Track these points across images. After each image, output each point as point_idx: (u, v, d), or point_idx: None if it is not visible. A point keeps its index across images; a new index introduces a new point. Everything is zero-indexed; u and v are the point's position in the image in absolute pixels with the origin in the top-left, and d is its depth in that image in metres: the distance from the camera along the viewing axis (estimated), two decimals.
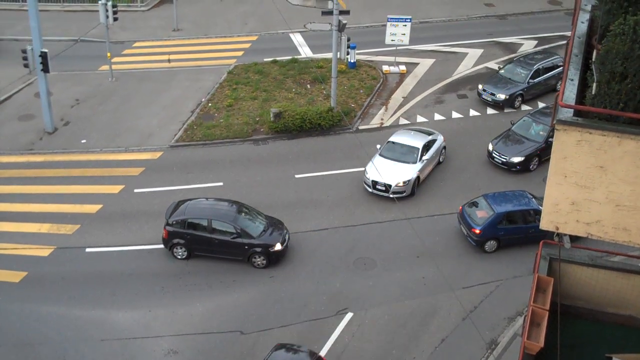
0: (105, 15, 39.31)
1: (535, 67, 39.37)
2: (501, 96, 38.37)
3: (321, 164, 34.44)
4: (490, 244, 29.23)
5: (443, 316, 26.54)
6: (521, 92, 38.76)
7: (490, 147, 34.28)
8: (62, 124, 37.49)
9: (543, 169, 33.02)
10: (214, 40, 46.82)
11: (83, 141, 36.09)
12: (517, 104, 38.74)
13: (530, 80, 39.02)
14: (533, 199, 29.66)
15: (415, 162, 32.46)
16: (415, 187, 32.23)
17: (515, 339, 25.50)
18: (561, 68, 39.49)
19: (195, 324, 26.18)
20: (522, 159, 33.61)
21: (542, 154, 33.83)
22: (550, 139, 33.02)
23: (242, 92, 39.98)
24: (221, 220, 28.49)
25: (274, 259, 28.55)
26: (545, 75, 39.62)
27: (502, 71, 40.00)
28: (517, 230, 29.09)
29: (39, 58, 34.95)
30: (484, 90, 38.87)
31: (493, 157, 34.09)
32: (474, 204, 29.95)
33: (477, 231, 28.91)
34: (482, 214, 29.30)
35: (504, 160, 33.69)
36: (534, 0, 51.96)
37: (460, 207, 30.26)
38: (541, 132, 34.35)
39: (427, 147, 33.17)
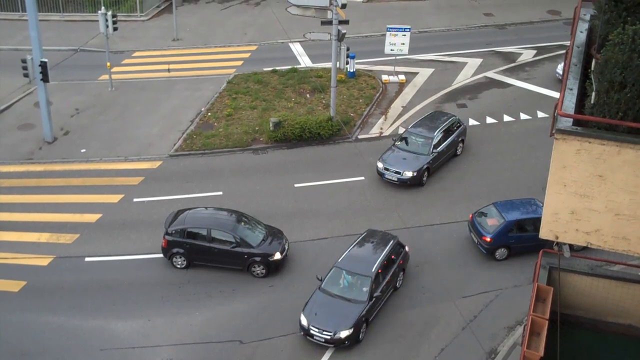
0: (105, 25, 39.36)
1: (437, 133, 34.16)
2: (408, 174, 32.79)
3: (320, 173, 34.44)
4: (501, 252, 29.22)
5: (443, 325, 26.48)
6: (427, 165, 33.31)
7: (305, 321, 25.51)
8: (61, 133, 37.51)
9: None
10: (214, 50, 46.89)
11: (82, 150, 36.09)
12: (425, 179, 33.49)
13: (434, 150, 33.76)
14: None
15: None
16: None
17: (515, 348, 25.44)
18: (461, 128, 35.51)
19: (194, 334, 26.13)
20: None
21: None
22: (374, 298, 25.79)
23: (241, 102, 40.02)
24: (220, 230, 28.47)
25: (274, 269, 28.51)
26: (447, 141, 34.52)
27: (398, 143, 34.44)
28: (527, 237, 29.04)
29: (39, 68, 34.99)
30: (386, 169, 33.17)
31: (312, 336, 25.38)
32: (485, 212, 29.97)
33: (488, 239, 28.91)
34: (492, 222, 29.32)
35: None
36: (533, 10, 52.09)
37: (471, 215, 30.25)
38: (363, 289, 25.90)
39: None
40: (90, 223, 31.26)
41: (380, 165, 33.50)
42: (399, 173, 32.99)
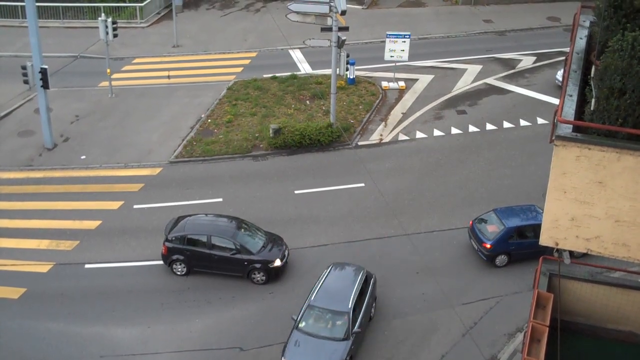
0: (105, 32, 39.44)
1: (351, 302, 24.97)
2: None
3: (320, 179, 34.43)
4: (501, 259, 29.18)
5: (443, 332, 26.44)
6: (350, 354, 24.37)
7: None
8: (61, 140, 37.52)
9: None
10: (214, 57, 46.95)
11: (82, 157, 36.10)
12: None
13: (354, 330, 24.62)
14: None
15: None
16: None
17: (515, 355, 25.40)
18: (372, 282, 26.59)
19: (194, 340, 26.09)
20: None
21: None
22: None
23: (241, 108, 40.04)
24: (220, 237, 28.45)
25: (274, 275, 28.48)
26: (364, 308, 25.61)
27: (302, 325, 24.80)
28: (527, 244, 29.00)
29: (39, 74, 35.04)
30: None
31: None
32: (485, 219, 29.93)
33: (488, 246, 28.88)
34: (492, 229, 29.28)
35: None
36: (533, 17, 52.18)
37: (471, 222, 30.22)
38: None
39: None
40: (90, 230, 31.25)
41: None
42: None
